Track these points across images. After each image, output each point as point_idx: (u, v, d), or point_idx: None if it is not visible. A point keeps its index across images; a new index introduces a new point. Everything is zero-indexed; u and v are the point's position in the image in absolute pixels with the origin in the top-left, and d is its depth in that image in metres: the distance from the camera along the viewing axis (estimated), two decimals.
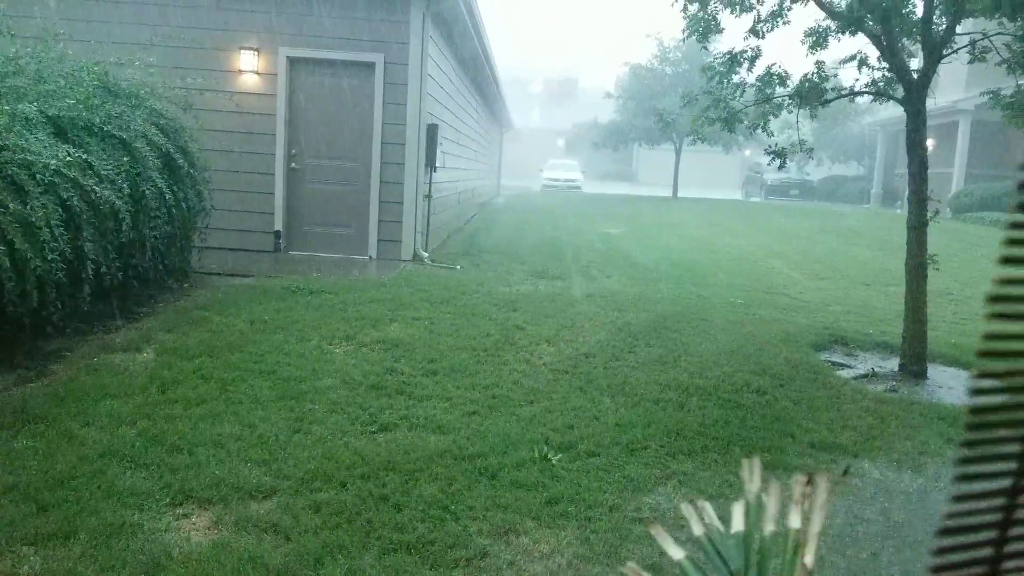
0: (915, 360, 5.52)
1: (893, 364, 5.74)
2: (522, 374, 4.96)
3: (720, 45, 6.95)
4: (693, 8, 6.14)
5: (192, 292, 6.66)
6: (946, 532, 0.82)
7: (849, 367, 5.72)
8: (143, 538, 2.82)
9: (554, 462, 3.63)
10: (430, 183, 9.77)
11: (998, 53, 5.60)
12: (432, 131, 9.46)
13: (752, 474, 0.97)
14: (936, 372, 5.60)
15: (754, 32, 6.20)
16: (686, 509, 1.00)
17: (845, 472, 3.39)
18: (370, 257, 9.15)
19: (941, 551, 0.82)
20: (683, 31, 6.41)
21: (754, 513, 0.93)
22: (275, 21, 8.85)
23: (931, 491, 3.65)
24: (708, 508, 1.00)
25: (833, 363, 5.77)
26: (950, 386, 5.39)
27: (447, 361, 5.11)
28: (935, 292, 7.11)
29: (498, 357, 5.31)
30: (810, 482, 0.89)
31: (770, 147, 6.27)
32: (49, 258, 4.39)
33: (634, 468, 3.64)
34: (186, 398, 4.16)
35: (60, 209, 4.60)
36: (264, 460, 3.52)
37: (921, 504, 3.51)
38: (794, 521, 0.88)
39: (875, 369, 5.65)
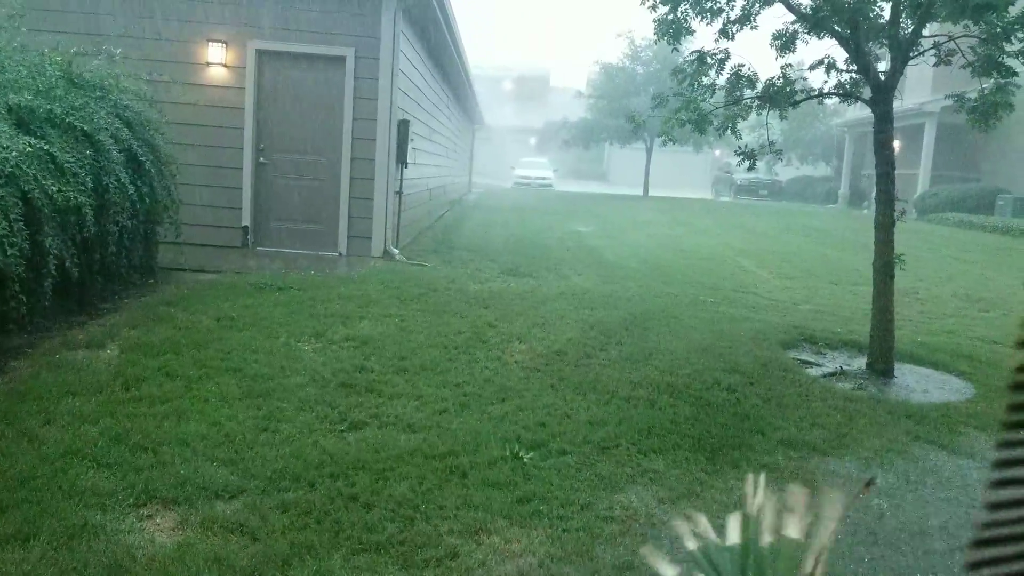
0: (883, 359, 5.59)
1: (861, 362, 5.81)
2: (493, 372, 4.94)
3: (692, 44, 6.97)
4: (664, 10, 6.15)
5: (158, 288, 6.53)
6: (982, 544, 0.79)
7: (818, 365, 5.78)
8: (105, 539, 2.75)
9: (525, 460, 3.61)
10: (401, 179, 9.69)
11: (964, 56, 5.68)
12: (403, 127, 9.38)
13: (755, 490, 0.94)
14: (903, 371, 5.68)
15: (724, 33, 6.24)
16: (680, 525, 0.98)
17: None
18: (340, 254, 9.06)
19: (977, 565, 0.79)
20: (654, 33, 6.42)
21: (752, 527, 0.90)
22: (244, 13, 8.71)
23: (900, 488, 3.70)
24: (703, 521, 0.98)
25: (802, 361, 5.83)
26: (917, 385, 5.47)
27: (417, 359, 5.07)
28: (901, 291, 7.21)
29: (469, 355, 5.28)
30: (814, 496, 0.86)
31: (740, 148, 6.31)
32: (8, 253, 4.26)
33: (606, 466, 3.64)
34: (151, 396, 4.07)
35: (20, 202, 4.47)
36: (231, 459, 3.45)
37: (891, 501, 3.55)
38: (792, 532, 0.86)
39: (843, 367, 5.72)
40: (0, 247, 4.24)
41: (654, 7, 6.11)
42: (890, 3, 5.64)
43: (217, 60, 8.68)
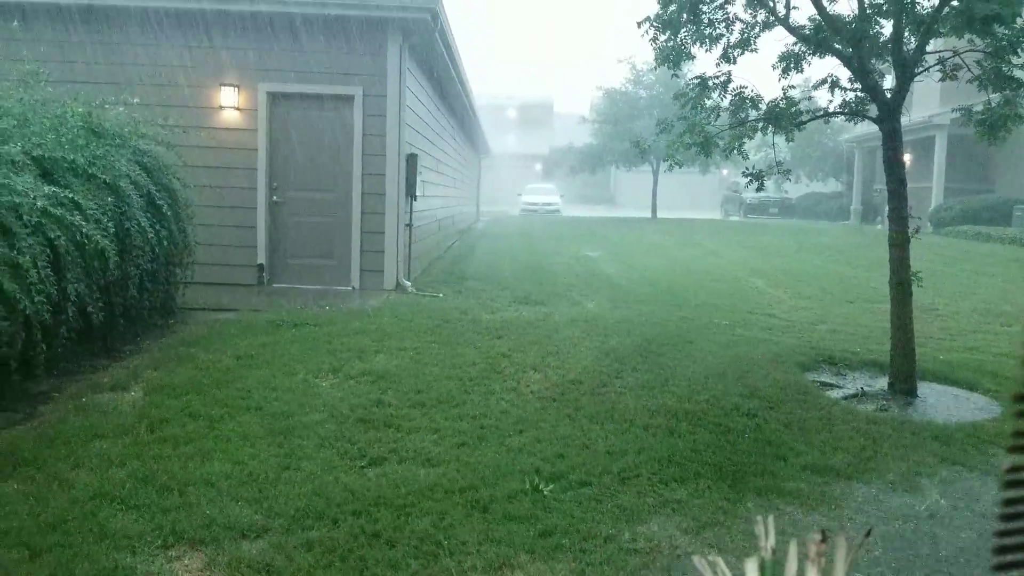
0: (904, 378, 5.55)
1: (882, 383, 5.77)
2: (510, 403, 4.95)
3: (694, 67, 7.07)
4: (663, 38, 6.22)
5: (178, 328, 6.60)
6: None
7: (838, 387, 5.75)
8: None
9: (546, 493, 3.61)
10: (411, 212, 9.78)
11: (969, 70, 5.68)
12: (412, 160, 9.49)
13: (767, 532, 0.96)
14: (926, 389, 5.64)
15: (725, 58, 6.29)
16: (699, 562, 0.99)
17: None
18: (353, 288, 9.12)
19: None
20: (655, 60, 6.49)
21: (770, 570, 0.91)
22: (254, 57, 8.88)
23: (928, 513, 3.66)
24: (720, 564, 0.99)
25: (822, 383, 5.80)
26: (940, 404, 5.43)
27: (434, 392, 5.09)
28: (920, 308, 7.19)
29: (485, 386, 5.29)
30: (825, 540, 0.88)
31: (748, 169, 6.34)
32: (36, 299, 4.35)
33: (627, 497, 3.63)
34: (175, 437, 4.11)
35: (48, 250, 4.58)
36: (255, 498, 3.47)
37: (919, 527, 3.52)
38: None
39: (864, 388, 5.68)
40: (28, 294, 4.32)
41: (654, 39, 6.18)
42: (891, 21, 5.68)
43: (230, 103, 8.83)
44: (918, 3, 5.61)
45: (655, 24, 6.06)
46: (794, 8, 6.07)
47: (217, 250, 8.57)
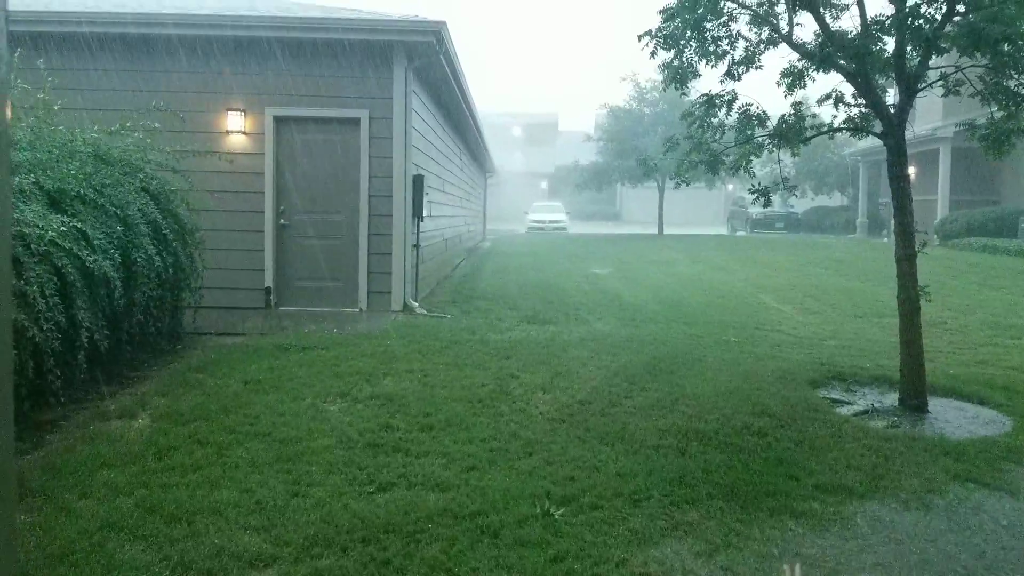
0: (915, 394, 5.51)
1: (893, 399, 5.73)
2: (519, 425, 4.92)
3: (700, 84, 7.07)
4: (668, 56, 6.23)
5: (185, 354, 6.60)
6: None
7: (849, 404, 5.71)
8: None
9: (556, 517, 3.58)
10: (417, 232, 9.80)
11: (972, 85, 5.69)
12: (418, 181, 9.53)
13: None
14: (936, 405, 5.59)
15: (730, 75, 6.30)
16: None
17: None
18: (360, 309, 9.13)
19: None
20: (662, 82, 6.50)
21: None
22: (260, 82, 8.95)
23: (943, 531, 3.62)
24: None
25: (832, 400, 5.76)
26: (952, 419, 5.38)
27: (443, 414, 5.06)
28: (929, 322, 7.14)
29: (494, 408, 5.27)
30: None
31: (754, 186, 6.33)
32: (45, 328, 4.37)
33: (638, 520, 3.59)
34: (182, 464, 4.10)
35: (55, 278, 4.60)
36: (263, 526, 3.45)
37: (935, 546, 3.47)
38: None
39: (875, 405, 5.64)
40: (36, 322, 4.33)
41: (653, 53, 6.19)
42: (894, 38, 5.69)
43: (237, 128, 8.90)
44: (920, 20, 5.62)
45: (656, 38, 6.08)
46: (798, 25, 6.09)
47: (224, 274, 8.60)
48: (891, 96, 6.53)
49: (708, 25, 6.06)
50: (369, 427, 4.77)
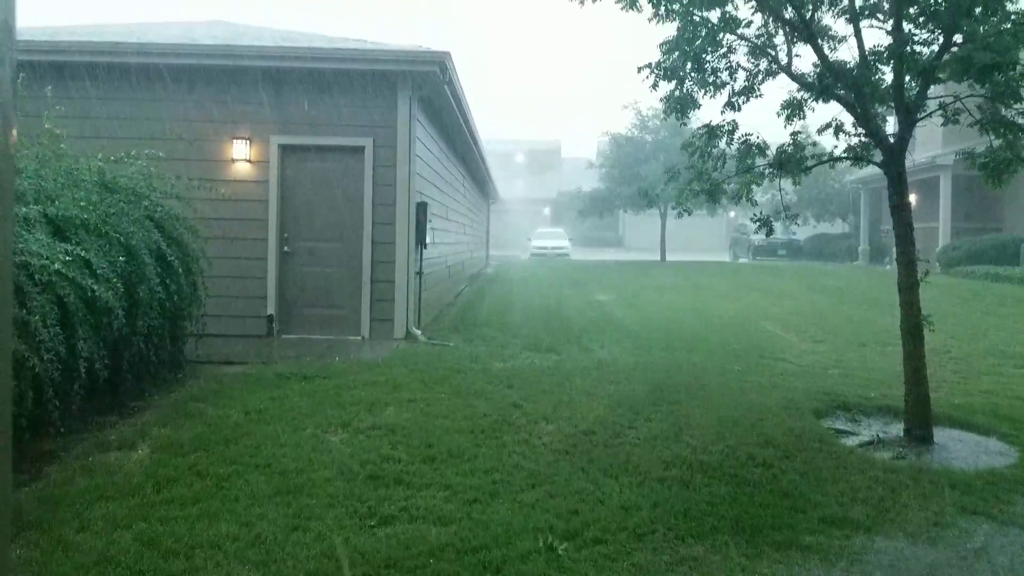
0: (920, 424, 5.46)
1: (898, 429, 5.68)
2: (522, 456, 4.88)
3: (701, 112, 7.11)
4: (668, 87, 6.28)
5: (186, 383, 6.58)
6: None
7: (853, 434, 5.66)
8: None
9: (560, 552, 3.53)
10: (421, 260, 9.82)
11: (971, 114, 5.71)
12: (421, 209, 9.56)
13: None
14: (942, 435, 5.54)
15: (730, 106, 6.34)
16: None
17: None
18: (363, 337, 9.11)
19: None
20: (663, 111, 6.55)
21: None
22: (266, 111, 9.03)
23: (951, 566, 3.56)
24: None
25: (837, 430, 5.71)
26: (958, 450, 5.33)
27: (445, 445, 5.03)
28: (933, 351, 7.11)
29: (496, 439, 5.23)
30: None
31: (756, 216, 6.34)
32: (45, 358, 4.36)
33: (643, 555, 3.55)
34: (182, 497, 4.06)
35: (57, 308, 4.60)
36: (262, 561, 3.41)
37: None
38: None
39: (880, 435, 5.59)
40: (37, 352, 4.32)
41: (654, 85, 6.23)
42: (892, 69, 5.73)
43: (242, 156, 8.96)
44: (917, 51, 5.67)
45: (656, 72, 6.13)
46: (796, 56, 6.14)
47: (227, 301, 8.60)
48: (891, 125, 6.56)
49: (707, 57, 6.11)
50: (370, 458, 4.73)
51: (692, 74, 6.17)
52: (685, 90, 6.23)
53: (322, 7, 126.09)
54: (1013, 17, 5.14)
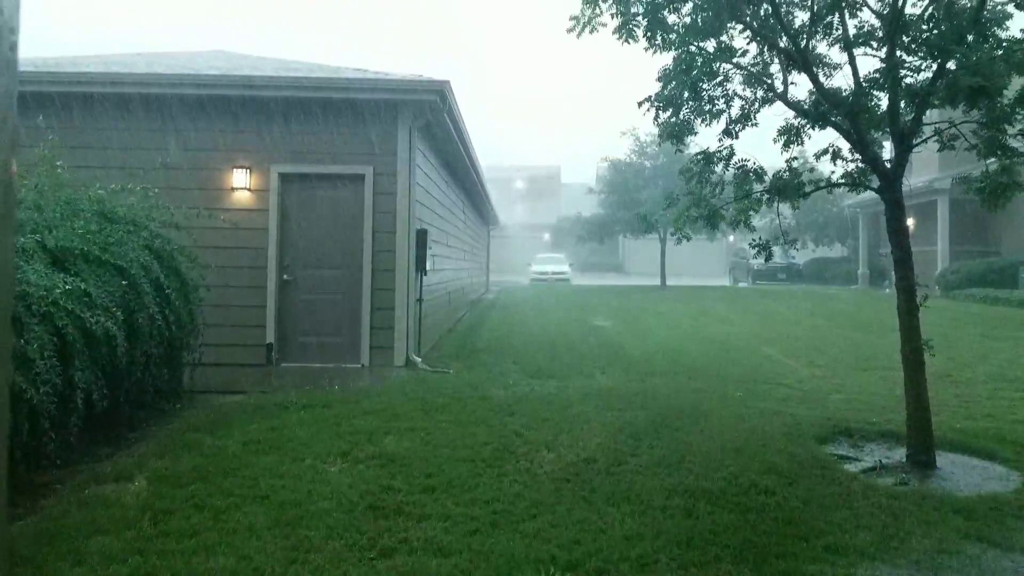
0: (922, 449, 5.43)
1: (900, 454, 5.64)
2: (523, 485, 4.84)
3: (697, 140, 7.15)
4: (665, 115, 6.32)
5: (184, 413, 6.55)
6: None
7: (856, 460, 5.62)
8: None
9: None
10: (421, 287, 9.82)
11: (966, 140, 5.74)
12: (421, 236, 9.58)
13: None
14: (944, 460, 5.51)
15: (727, 133, 6.38)
16: None
17: None
18: (363, 365, 9.09)
19: None
20: (659, 136, 6.59)
21: None
22: (266, 140, 9.09)
23: None
24: None
25: (839, 456, 5.68)
26: (961, 476, 5.29)
27: (445, 475, 4.99)
28: (934, 375, 7.08)
29: (497, 468, 5.19)
30: None
31: (755, 241, 6.35)
32: (41, 390, 4.34)
33: None
34: (179, 530, 4.02)
35: (55, 338, 4.58)
36: None
37: None
38: None
39: (883, 461, 5.55)
40: (34, 384, 4.30)
41: (656, 118, 6.28)
42: (886, 94, 5.77)
43: (242, 185, 9.00)
44: (911, 77, 5.72)
45: (656, 104, 6.17)
46: (792, 84, 6.19)
47: (226, 330, 8.59)
48: (887, 150, 6.59)
49: (704, 85, 6.16)
50: (370, 489, 4.69)
51: (689, 102, 6.22)
52: (682, 117, 6.27)
53: (321, 37, 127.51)
54: (1004, 43, 5.19)
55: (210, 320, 7.48)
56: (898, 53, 5.63)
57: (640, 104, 6.17)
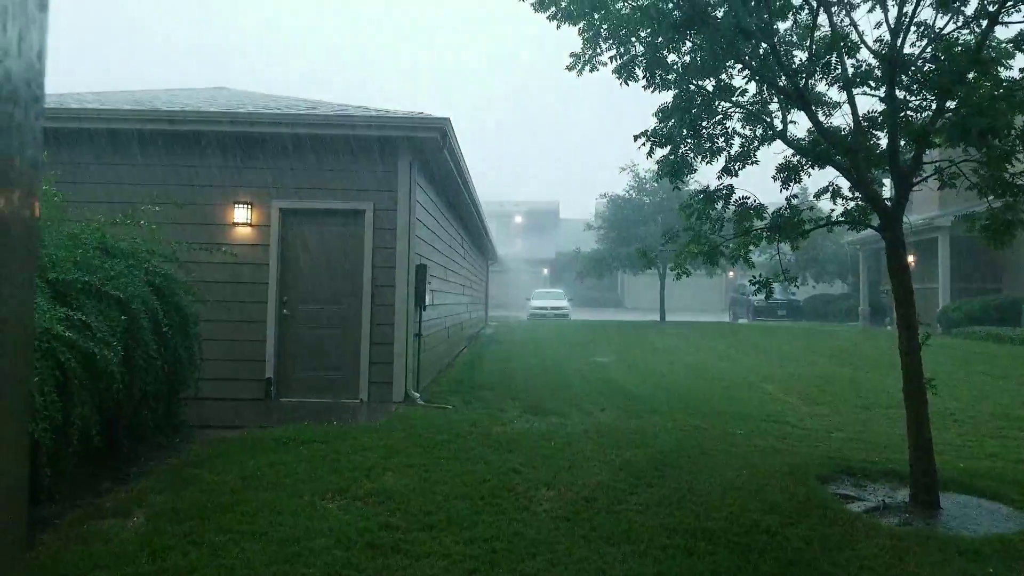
0: (926, 490, 5.39)
1: (904, 494, 5.60)
2: (522, 523, 4.80)
3: (697, 177, 7.19)
4: (663, 152, 6.37)
5: (183, 447, 6.51)
6: None
7: (859, 499, 5.58)
8: None
9: None
10: (420, 322, 9.82)
11: (967, 178, 5.75)
12: (421, 271, 9.61)
13: None
14: (948, 501, 5.46)
15: (727, 171, 6.42)
16: None
17: None
18: (361, 400, 9.05)
19: None
20: (657, 173, 6.63)
21: None
22: (268, 176, 9.16)
23: None
24: None
25: (842, 496, 5.63)
26: (965, 516, 5.25)
27: (443, 513, 4.94)
28: (937, 413, 7.06)
29: (496, 505, 5.14)
30: None
31: (755, 278, 6.36)
32: (40, 426, 4.32)
33: None
34: (177, 567, 3.97)
35: (57, 372, 4.58)
36: None
37: None
38: None
39: (886, 500, 5.51)
40: (33, 420, 4.29)
41: (650, 153, 6.32)
42: (886, 133, 5.81)
43: (243, 220, 9.05)
44: (911, 116, 5.76)
45: (651, 139, 6.23)
46: (792, 122, 6.25)
47: (225, 365, 8.58)
48: (887, 189, 6.63)
49: (703, 124, 6.23)
50: (368, 526, 4.65)
51: (688, 140, 6.28)
52: (680, 155, 6.32)
53: (321, 76, 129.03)
54: (1004, 84, 5.23)
55: (209, 354, 7.47)
56: (898, 92, 5.68)
57: (636, 138, 6.22)
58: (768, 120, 6.30)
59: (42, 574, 3.84)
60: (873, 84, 5.89)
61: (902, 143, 5.78)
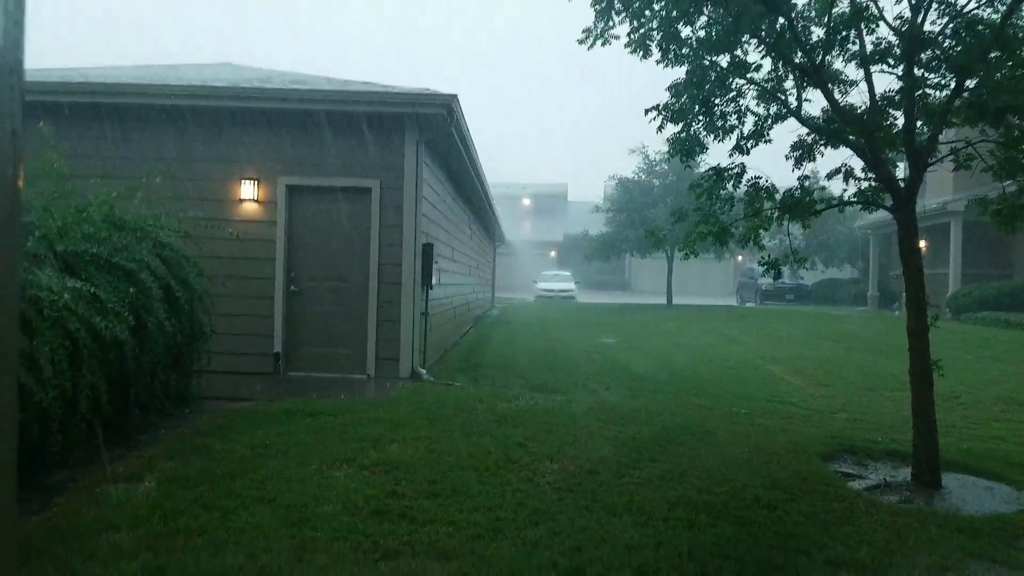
0: (928, 469, 5.42)
1: (905, 473, 5.64)
2: (525, 494, 4.86)
3: (708, 158, 7.11)
4: (675, 129, 6.32)
5: (193, 418, 6.60)
6: None
7: (860, 478, 5.62)
8: None
9: None
10: (427, 300, 9.87)
11: (983, 160, 5.69)
12: (427, 250, 9.64)
13: None
14: (950, 480, 5.50)
15: (739, 149, 6.37)
16: None
17: None
18: (368, 376, 9.13)
19: None
20: (668, 152, 6.59)
21: None
22: (275, 152, 9.18)
23: None
24: None
25: (843, 474, 5.68)
26: (966, 495, 5.29)
27: (448, 482, 5.01)
28: (942, 396, 7.08)
29: (500, 476, 5.21)
30: None
31: (764, 259, 6.33)
32: (50, 395, 4.39)
33: None
34: (188, 528, 4.05)
35: (67, 342, 4.64)
36: None
37: None
38: None
39: (887, 479, 5.56)
40: (43, 388, 4.36)
41: (660, 128, 6.28)
42: (903, 112, 5.75)
43: (250, 196, 9.09)
44: (929, 95, 5.71)
45: (664, 113, 6.19)
46: (807, 100, 6.18)
47: (234, 339, 8.65)
48: (901, 170, 6.59)
49: (716, 100, 6.19)
50: (375, 494, 4.72)
51: (700, 117, 6.24)
52: (692, 132, 6.29)
53: (328, 50, 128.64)
54: None
55: (219, 329, 7.54)
56: (916, 71, 5.63)
57: (647, 112, 6.18)
58: (783, 98, 6.23)
59: (57, 534, 3.92)
60: (892, 62, 5.81)
61: (918, 123, 5.74)
